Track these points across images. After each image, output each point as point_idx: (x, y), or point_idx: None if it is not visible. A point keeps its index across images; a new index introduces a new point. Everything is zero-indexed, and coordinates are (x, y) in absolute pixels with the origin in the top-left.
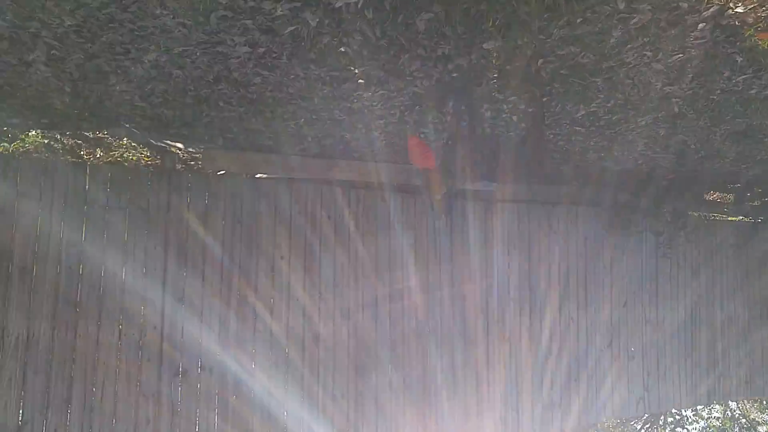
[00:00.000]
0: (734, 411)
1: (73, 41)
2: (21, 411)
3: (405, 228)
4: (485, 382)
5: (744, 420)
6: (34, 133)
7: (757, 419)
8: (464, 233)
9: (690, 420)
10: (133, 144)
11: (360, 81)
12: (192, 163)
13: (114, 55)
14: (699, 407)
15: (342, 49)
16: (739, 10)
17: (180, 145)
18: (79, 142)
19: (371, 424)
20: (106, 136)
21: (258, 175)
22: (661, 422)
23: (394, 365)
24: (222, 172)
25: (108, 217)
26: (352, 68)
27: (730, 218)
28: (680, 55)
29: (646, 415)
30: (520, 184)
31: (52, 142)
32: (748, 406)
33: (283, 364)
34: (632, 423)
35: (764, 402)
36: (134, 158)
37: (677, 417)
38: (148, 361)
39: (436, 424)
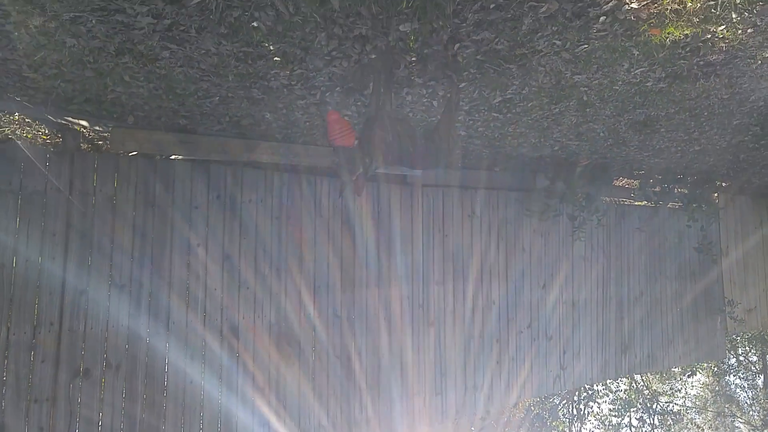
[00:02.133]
0: (639, 383)
1: None
2: None
3: (332, 212)
4: (409, 367)
5: (647, 391)
6: None
7: (658, 390)
8: (388, 218)
9: (601, 394)
10: (27, 120)
11: (276, 59)
12: (100, 143)
13: None
14: (608, 381)
15: (254, 24)
16: (633, 5)
17: (85, 123)
18: None
19: (294, 411)
20: None
21: (173, 157)
22: (575, 398)
23: (317, 353)
24: (133, 153)
25: None
26: (267, 44)
27: (636, 203)
28: (585, 46)
29: (563, 392)
30: (440, 169)
31: None
32: (650, 379)
33: (199, 356)
34: (551, 399)
35: (664, 374)
36: (29, 136)
37: (590, 392)
38: (42, 362)
39: (360, 411)
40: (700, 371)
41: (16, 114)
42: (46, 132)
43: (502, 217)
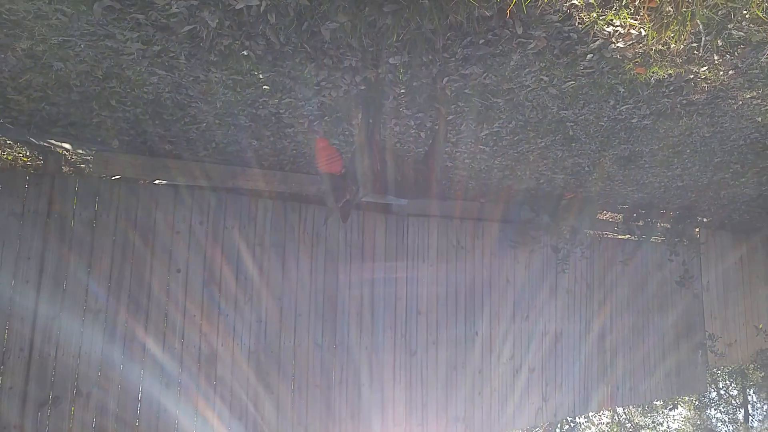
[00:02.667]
0: (621, 416)
1: None
2: None
3: (315, 240)
4: (391, 397)
5: (629, 424)
6: None
7: (640, 423)
8: (372, 246)
9: (583, 426)
10: (8, 142)
11: (265, 87)
12: (82, 166)
13: None
14: (591, 414)
15: (245, 53)
16: (620, 45)
17: (68, 146)
18: None
19: None
20: None
21: (156, 182)
22: (557, 430)
23: (298, 382)
24: (116, 177)
25: None
26: (256, 73)
27: (619, 236)
28: (572, 82)
29: (545, 424)
30: (427, 199)
31: None
32: (633, 412)
33: (175, 384)
34: (535, 430)
35: (646, 407)
36: (9, 158)
37: (572, 424)
38: (10, 389)
39: None
40: (682, 404)
41: None
42: (27, 154)
43: (487, 248)
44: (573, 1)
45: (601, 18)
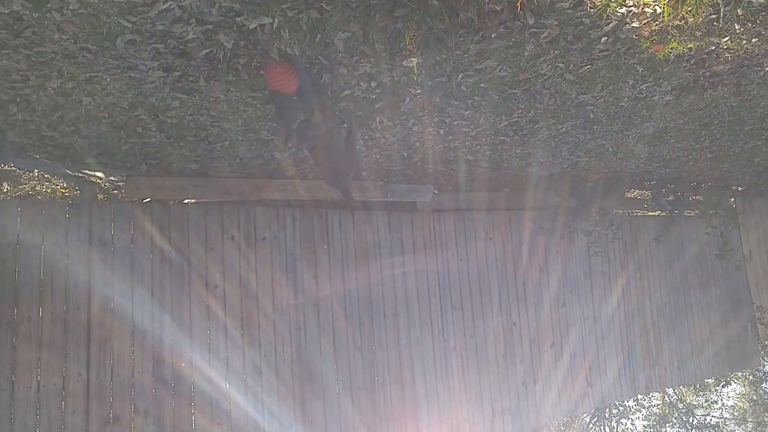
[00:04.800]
0: (672, 397)
1: None
2: None
3: (344, 244)
4: (434, 393)
5: (681, 405)
6: None
7: (693, 402)
8: (401, 245)
9: (633, 410)
10: (46, 175)
11: None
12: (115, 192)
13: (11, 83)
14: (639, 397)
15: (262, 72)
16: (635, 25)
17: (100, 174)
18: None
19: None
20: (13, 168)
21: (186, 201)
22: (606, 415)
23: (341, 385)
24: (147, 200)
25: (20, 256)
26: None
27: (649, 213)
28: (589, 66)
29: (593, 410)
30: (451, 193)
31: None
32: (684, 391)
33: (225, 397)
34: (583, 416)
35: (697, 386)
36: (48, 191)
37: (621, 408)
38: (74, 413)
39: None
40: (735, 380)
41: (36, 171)
42: (65, 185)
43: (516, 238)
44: None
45: (613, 0)
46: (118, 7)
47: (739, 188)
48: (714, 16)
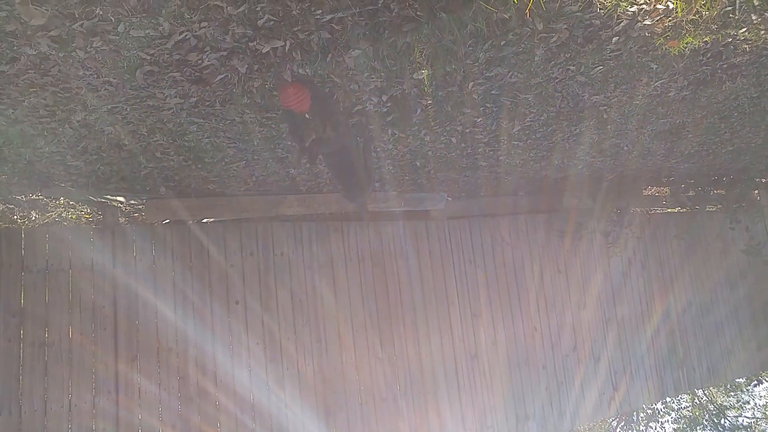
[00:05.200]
0: (701, 398)
1: None
2: None
3: (361, 255)
4: (458, 402)
5: (712, 406)
6: None
7: (724, 403)
8: (418, 254)
9: (662, 413)
10: (71, 202)
11: None
12: (135, 215)
13: (39, 119)
14: (668, 399)
15: (275, 94)
16: (647, 22)
17: (121, 199)
18: (11, 206)
19: None
20: (41, 197)
21: (204, 220)
22: (635, 418)
23: (364, 396)
24: (167, 221)
25: (49, 281)
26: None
27: (669, 210)
28: (600, 67)
29: (620, 414)
30: (465, 200)
31: None
32: (714, 392)
33: (249, 410)
34: (610, 420)
35: (728, 386)
36: (74, 216)
37: (649, 411)
38: (103, 430)
39: None
40: (767, 379)
41: (62, 198)
42: (88, 211)
43: (534, 241)
44: None
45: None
46: (137, 42)
47: (763, 180)
48: (729, 8)
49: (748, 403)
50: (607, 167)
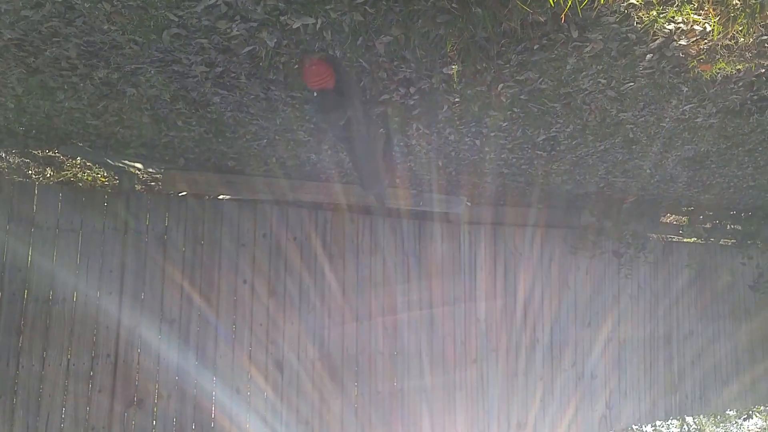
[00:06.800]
0: (690, 426)
1: (14, 54)
2: None
3: (373, 250)
4: (452, 403)
5: None
6: None
7: None
8: (430, 255)
9: None
10: (87, 164)
11: None
12: (152, 184)
13: (60, 71)
14: (658, 423)
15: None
16: (682, 42)
17: (139, 166)
18: (27, 160)
19: None
20: (57, 155)
21: (221, 197)
22: None
23: (361, 388)
24: (183, 193)
25: (58, 240)
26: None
27: (684, 240)
28: (631, 84)
29: None
30: (483, 206)
31: None
32: (703, 421)
33: (244, 390)
34: None
35: (718, 417)
36: (89, 178)
37: None
38: (99, 392)
39: None
40: (757, 414)
41: (79, 158)
42: (105, 174)
43: (546, 255)
44: (631, 1)
45: (661, 16)
46: (166, 1)
47: None
48: (766, 37)
49: None
50: (628, 188)
